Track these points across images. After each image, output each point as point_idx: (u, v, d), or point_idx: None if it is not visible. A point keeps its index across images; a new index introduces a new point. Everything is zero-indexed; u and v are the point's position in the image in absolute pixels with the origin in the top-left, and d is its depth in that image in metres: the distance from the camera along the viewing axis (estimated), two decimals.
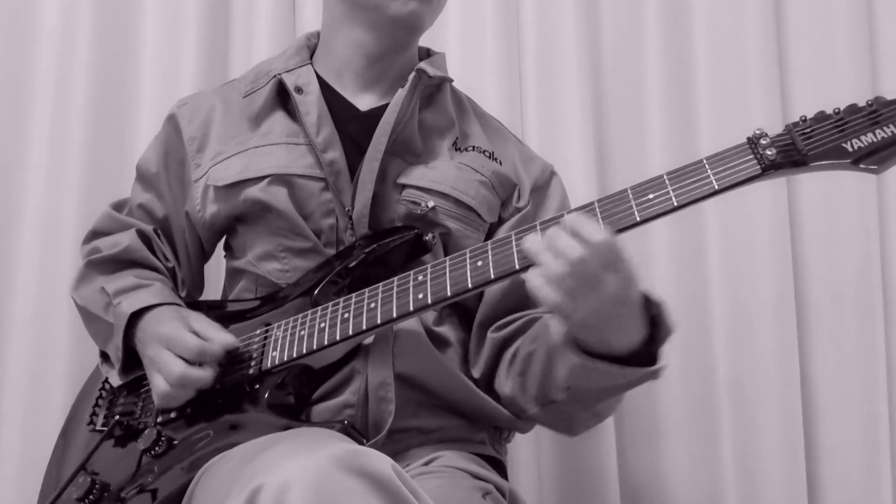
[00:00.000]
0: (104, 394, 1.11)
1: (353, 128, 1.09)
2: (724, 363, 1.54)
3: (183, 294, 1.18)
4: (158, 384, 0.98)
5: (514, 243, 0.89)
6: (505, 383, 1.05)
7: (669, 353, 0.90)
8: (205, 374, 0.97)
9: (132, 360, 1.06)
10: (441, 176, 1.08)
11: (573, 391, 0.94)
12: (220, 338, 0.99)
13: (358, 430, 0.90)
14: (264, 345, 1.00)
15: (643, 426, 1.55)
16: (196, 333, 0.99)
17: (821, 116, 0.83)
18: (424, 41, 1.21)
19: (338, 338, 0.94)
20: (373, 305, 0.94)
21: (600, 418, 1.03)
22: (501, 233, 1.11)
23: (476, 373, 1.10)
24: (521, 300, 1.07)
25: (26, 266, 1.46)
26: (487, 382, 1.09)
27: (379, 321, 0.93)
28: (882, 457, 1.54)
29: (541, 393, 1.00)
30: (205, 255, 1.21)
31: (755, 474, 1.51)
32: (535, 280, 0.83)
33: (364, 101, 1.13)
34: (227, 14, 1.59)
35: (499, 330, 1.08)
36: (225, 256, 1.19)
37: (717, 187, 0.83)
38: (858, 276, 1.58)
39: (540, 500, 1.47)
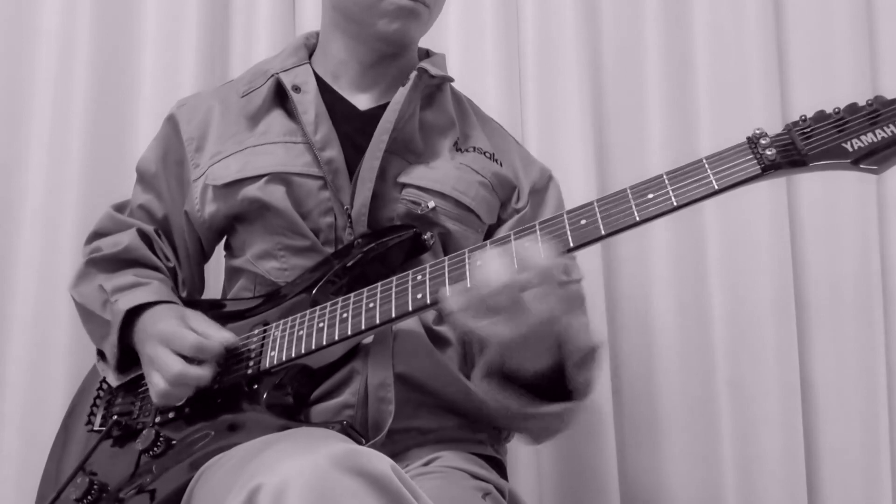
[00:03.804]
0: (102, 394, 1.11)
1: (352, 127, 1.09)
2: (724, 363, 1.54)
3: (183, 294, 1.18)
4: (157, 382, 0.98)
5: (512, 243, 0.89)
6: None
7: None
8: (203, 373, 0.97)
9: (128, 360, 1.06)
10: (442, 176, 1.08)
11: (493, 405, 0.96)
12: (218, 335, 0.98)
13: (357, 430, 0.90)
14: (262, 345, 1.00)
15: (643, 426, 1.55)
16: (194, 331, 0.99)
17: (820, 116, 0.82)
18: (424, 42, 1.21)
19: (336, 338, 0.94)
20: (371, 305, 0.94)
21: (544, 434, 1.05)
22: (501, 233, 1.11)
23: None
24: None
25: (26, 266, 1.46)
26: None
27: (378, 321, 0.92)
28: (882, 457, 1.54)
29: None
30: (205, 255, 1.21)
31: (755, 474, 1.51)
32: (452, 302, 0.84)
33: (363, 101, 1.13)
34: (227, 14, 1.59)
35: None
36: (225, 256, 1.19)
37: (716, 187, 0.82)
38: (858, 277, 1.58)
39: (540, 500, 1.47)
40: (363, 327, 0.93)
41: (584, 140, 1.56)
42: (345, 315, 0.95)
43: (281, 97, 1.13)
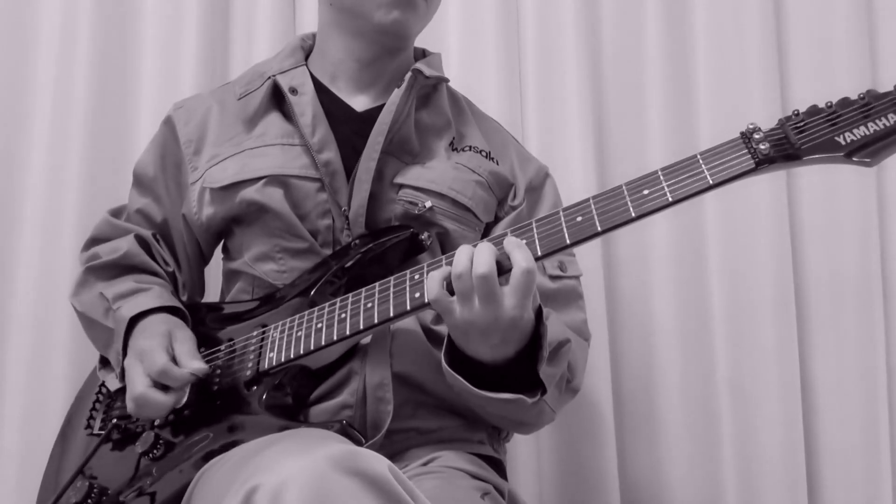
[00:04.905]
0: (101, 397, 1.11)
1: (349, 128, 1.09)
2: (724, 363, 1.54)
3: (184, 298, 1.18)
4: (126, 397, 0.98)
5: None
6: None
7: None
8: (164, 400, 0.95)
9: None
10: (438, 176, 1.08)
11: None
12: (190, 365, 0.97)
13: (356, 430, 0.90)
14: (261, 346, 1.00)
15: (643, 426, 1.55)
16: (171, 354, 0.98)
17: (813, 110, 0.83)
18: (425, 42, 1.21)
19: (335, 338, 0.94)
20: (369, 305, 0.94)
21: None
22: (497, 231, 1.11)
23: None
24: None
25: (26, 266, 1.46)
26: None
27: (376, 321, 0.92)
28: (882, 457, 1.54)
29: None
30: (204, 257, 1.21)
31: (755, 474, 1.51)
32: (433, 273, 0.88)
33: (359, 102, 1.13)
34: (227, 14, 1.60)
35: None
36: (223, 258, 1.19)
37: (711, 182, 0.83)
38: (858, 277, 1.57)
39: (540, 500, 1.47)
40: (361, 327, 0.93)
41: (583, 139, 1.56)
42: (343, 315, 0.95)
43: (278, 99, 1.12)
